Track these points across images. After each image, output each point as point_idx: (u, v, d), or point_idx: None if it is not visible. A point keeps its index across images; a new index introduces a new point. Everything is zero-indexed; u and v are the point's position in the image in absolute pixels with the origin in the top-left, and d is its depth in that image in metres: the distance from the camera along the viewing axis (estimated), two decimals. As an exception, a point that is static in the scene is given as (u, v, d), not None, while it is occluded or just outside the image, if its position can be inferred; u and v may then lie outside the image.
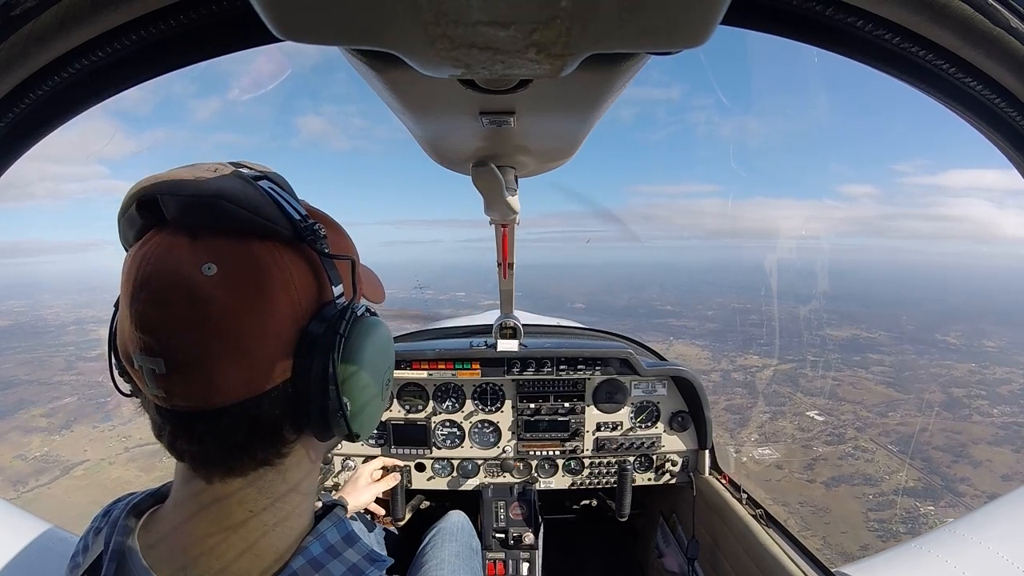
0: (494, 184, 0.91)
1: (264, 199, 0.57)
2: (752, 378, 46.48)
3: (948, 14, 0.46)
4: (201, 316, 0.52)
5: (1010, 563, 1.63)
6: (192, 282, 0.52)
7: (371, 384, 0.64)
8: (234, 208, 0.54)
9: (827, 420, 38.42)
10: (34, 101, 0.54)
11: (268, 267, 0.55)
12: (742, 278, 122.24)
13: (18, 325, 73.69)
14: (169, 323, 0.53)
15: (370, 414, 0.65)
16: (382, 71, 0.50)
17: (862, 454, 34.04)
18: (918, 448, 34.73)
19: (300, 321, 0.58)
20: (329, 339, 0.58)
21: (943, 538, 1.83)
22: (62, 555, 1.60)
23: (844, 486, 30.31)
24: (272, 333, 0.56)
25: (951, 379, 47.01)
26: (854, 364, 51.16)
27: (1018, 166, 0.58)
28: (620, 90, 0.56)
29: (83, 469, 31.50)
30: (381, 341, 0.66)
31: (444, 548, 1.87)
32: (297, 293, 0.58)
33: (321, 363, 0.57)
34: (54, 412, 38.94)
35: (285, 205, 0.58)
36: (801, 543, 1.90)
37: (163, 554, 0.61)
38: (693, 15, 0.34)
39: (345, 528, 0.67)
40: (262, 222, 0.55)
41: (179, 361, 0.53)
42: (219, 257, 0.53)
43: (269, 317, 0.55)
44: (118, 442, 33.65)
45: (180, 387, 0.54)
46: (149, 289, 0.53)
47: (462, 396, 2.52)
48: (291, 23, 0.35)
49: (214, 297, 0.52)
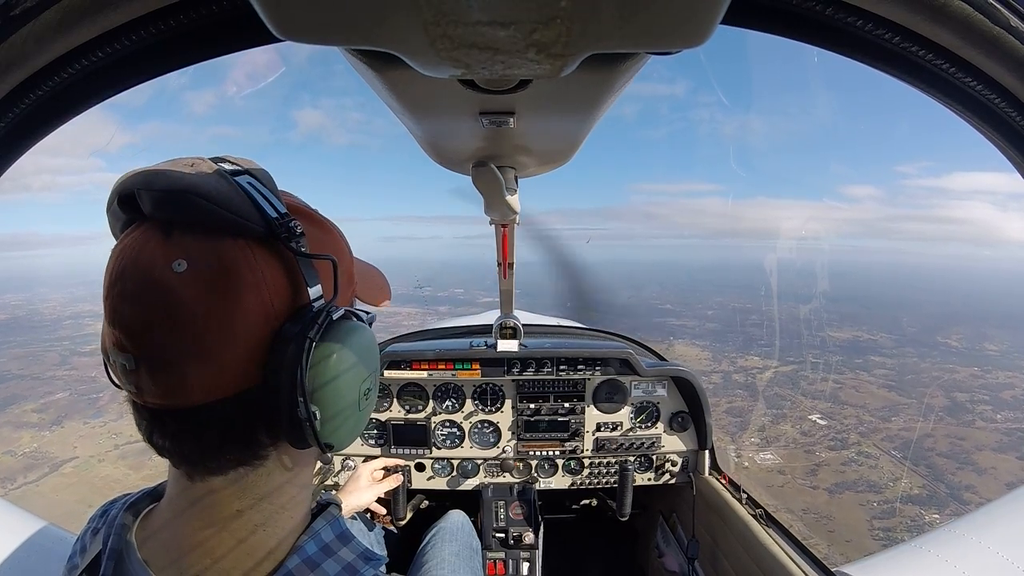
0: (494, 184, 0.91)
1: (238, 195, 0.55)
2: (753, 380, 46.07)
3: (948, 13, 0.46)
4: (170, 314, 0.51)
5: (1010, 563, 1.63)
6: (162, 279, 0.51)
7: (345, 393, 0.60)
8: (205, 204, 0.52)
9: (830, 424, 38.02)
10: (34, 101, 0.54)
11: (239, 266, 0.54)
12: (742, 277, 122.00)
13: (14, 319, 73.09)
14: (139, 320, 0.52)
15: (345, 425, 0.61)
16: (382, 71, 0.50)
17: (866, 460, 33.61)
18: (922, 454, 34.32)
19: (272, 323, 0.55)
20: (300, 344, 0.55)
21: (943, 538, 1.83)
22: (57, 553, 1.60)
23: (848, 493, 29.90)
24: (241, 335, 0.54)
25: (954, 383, 46.60)
26: (856, 367, 50.76)
27: (1018, 166, 0.58)
28: (620, 90, 0.56)
29: (72, 466, 31.12)
30: (359, 347, 0.61)
31: (444, 548, 1.88)
32: (269, 294, 0.55)
33: (290, 369, 0.54)
34: (46, 408, 38.60)
35: (261, 201, 0.56)
36: (801, 543, 1.90)
37: (159, 551, 0.61)
38: (693, 15, 0.34)
39: (339, 527, 0.67)
40: (233, 218, 0.53)
41: (147, 359, 0.52)
42: (189, 254, 0.52)
43: (238, 318, 0.53)
44: (108, 439, 33.24)
45: (150, 385, 0.53)
46: (122, 284, 0.53)
47: (462, 396, 2.52)
48: (291, 23, 0.35)
49: (183, 295, 0.51)
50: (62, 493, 27.58)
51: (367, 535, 1.96)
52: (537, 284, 1.89)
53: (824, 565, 1.75)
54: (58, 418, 37.15)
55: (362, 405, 0.64)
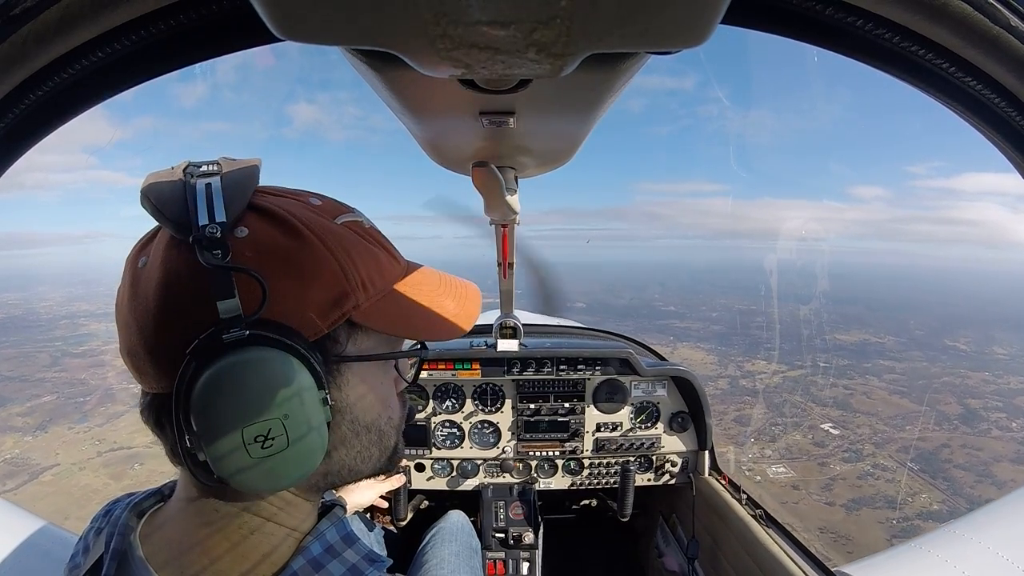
0: (494, 184, 0.91)
1: (178, 198, 0.54)
2: (761, 386, 45.30)
3: (947, 13, 0.46)
4: (129, 303, 0.57)
5: (1010, 563, 1.63)
6: (131, 270, 0.58)
7: (222, 430, 0.52)
8: (150, 207, 0.55)
9: (842, 434, 37.21)
10: (34, 101, 0.54)
11: (169, 267, 0.54)
12: (746, 279, 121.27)
13: (9, 319, 72.38)
14: (117, 304, 0.59)
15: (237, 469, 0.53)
16: (382, 71, 0.50)
17: (882, 473, 32.84)
18: (939, 467, 33.43)
19: (189, 332, 0.53)
20: (192, 360, 0.52)
21: (943, 538, 1.83)
22: (57, 553, 1.60)
23: (865, 509, 29.10)
24: (165, 335, 0.54)
25: (966, 389, 45.84)
26: (865, 371, 50.03)
27: (1018, 166, 0.58)
28: (620, 90, 0.56)
29: (52, 474, 30.01)
30: (248, 382, 0.52)
31: (444, 548, 1.87)
32: (189, 302, 0.53)
33: (185, 384, 0.52)
34: (32, 411, 37.92)
35: (200, 206, 0.53)
36: (801, 543, 1.90)
37: (158, 548, 0.61)
38: (693, 15, 0.34)
39: (344, 528, 0.67)
40: (165, 221, 0.54)
41: (123, 341, 0.58)
42: (149, 252, 0.57)
43: (165, 318, 0.54)
44: (92, 446, 32.48)
45: (132, 368, 0.59)
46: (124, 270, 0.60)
47: (462, 396, 2.52)
48: (291, 23, 0.35)
49: (139, 289, 0.56)
50: (39, 503, 26.41)
51: (367, 535, 1.96)
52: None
53: (824, 565, 1.75)
54: (43, 423, 36.34)
55: (253, 452, 0.53)
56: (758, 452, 33.31)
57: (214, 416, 0.52)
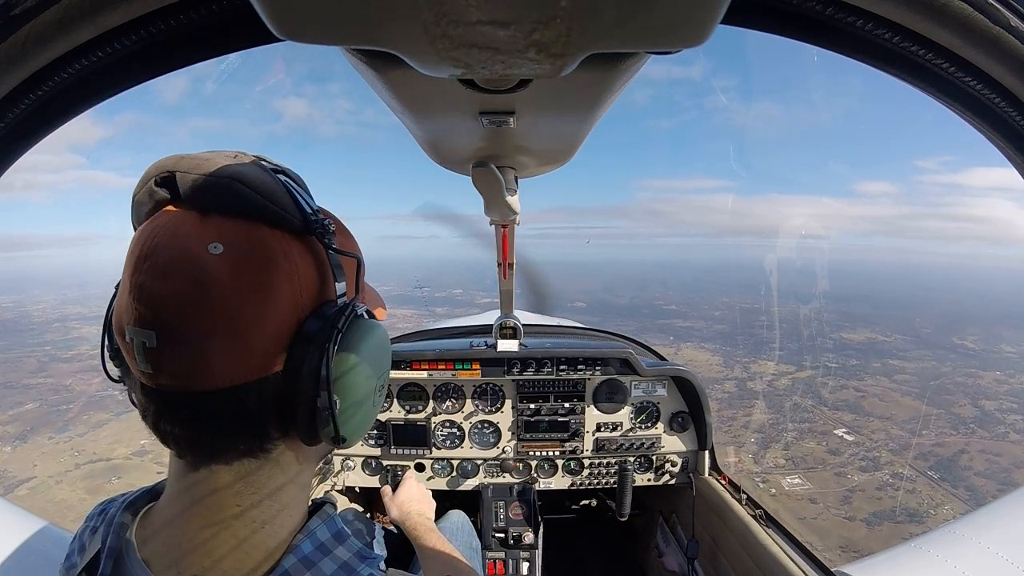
0: (494, 184, 0.91)
1: (279, 188, 0.58)
2: (771, 388, 43.66)
3: (947, 13, 0.46)
4: (201, 293, 0.52)
5: (1010, 563, 1.63)
6: (197, 258, 0.52)
7: (363, 385, 0.62)
8: (248, 192, 0.55)
9: (858, 440, 35.76)
10: (34, 101, 0.54)
11: (275, 254, 0.56)
12: (748, 277, 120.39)
13: (1, 323, 70.54)
14: (168, 296, 0.52)
15: (360, 417, 0.63)
16: (382, 71, 0.50)
17: (901, 483, 31.31)
18: (959, 475, 31.94)
19: (299, 314, 0.58)
20: (326, 334, 0.57)
21: (943, 538, 1.83)
22: (57, 553, 1.59)
23: (887, 524, 27.34)
24: (270, 321, 0.55)
25: (979, 389, 44.46)
26: (875, 372, 48.73)
27: (1017, 166, 0.58)
28: (620, 90, 0.56)
29: (28, 488, 28.21)
30: (378, 343, 0.64)
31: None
32: (300, 285, 0.58)
33: (315, 358, 0.57)
34: (13, 420, 35.80)
35: (299, 198, 0.59)
36: (801, 542, 1.90)
37: (158, 550, 0.61)
38: (693, 15, 0.34)
39: (335, 526, 0.67)
40: (274, 209, 0.56)
41: (172, 336, 0.52)
42: (227, 238, 0.54)
43: (269, 304, 0.55)
44: (71, 457, 30.95)
45: (169, 363, 0.53)
46: (153, 260, 0.53)
47: (462, 396, 2.52)
48: (291, 23, 0.35)
49: (217, 276, 0.52)
50: (8, 519, 25.44)
51: (367, 535, 1.96)
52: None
53: (824, 565, 1.75)
54: (24, 432, 34.57)
55: (375, 401, 0.67)
56: (771, 462, 32.11)
57: (353, 377, 0.60)
